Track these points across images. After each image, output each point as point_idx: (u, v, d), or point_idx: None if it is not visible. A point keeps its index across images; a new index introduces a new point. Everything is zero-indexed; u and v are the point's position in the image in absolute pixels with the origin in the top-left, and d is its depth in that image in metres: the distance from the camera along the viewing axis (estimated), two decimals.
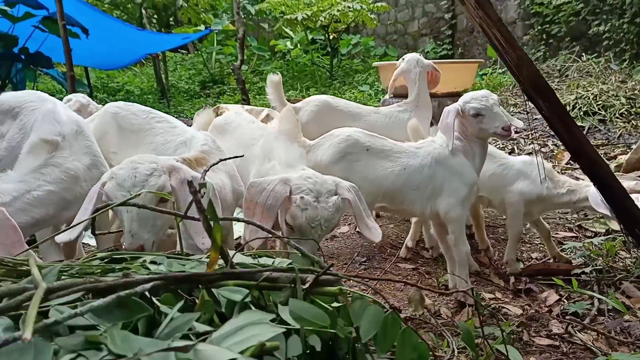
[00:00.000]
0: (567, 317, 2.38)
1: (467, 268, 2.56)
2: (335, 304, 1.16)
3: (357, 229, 3.50)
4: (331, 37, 12.87)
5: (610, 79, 6.76)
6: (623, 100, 6.04)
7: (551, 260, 3.00)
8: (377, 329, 1.13)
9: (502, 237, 3.46)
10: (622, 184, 2.50)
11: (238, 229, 2.89)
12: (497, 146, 5.29)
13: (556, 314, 2.43)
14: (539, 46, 10.44)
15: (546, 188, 2.84)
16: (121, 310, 0.92)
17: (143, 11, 10.79)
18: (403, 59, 3.63)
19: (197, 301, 1.03)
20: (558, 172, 3.27)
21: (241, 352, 0.81)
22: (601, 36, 9.58)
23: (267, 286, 1.08)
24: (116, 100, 9.67)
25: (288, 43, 14.01)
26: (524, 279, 2.77)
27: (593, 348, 2.11)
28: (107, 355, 0.73)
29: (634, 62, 8.89)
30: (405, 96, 3.62)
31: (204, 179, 1.25)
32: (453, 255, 2.58)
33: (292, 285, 1.09)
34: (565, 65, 8.45)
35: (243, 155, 1.77)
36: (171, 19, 13.96)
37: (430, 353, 2.13)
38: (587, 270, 2.79)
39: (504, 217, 3.14)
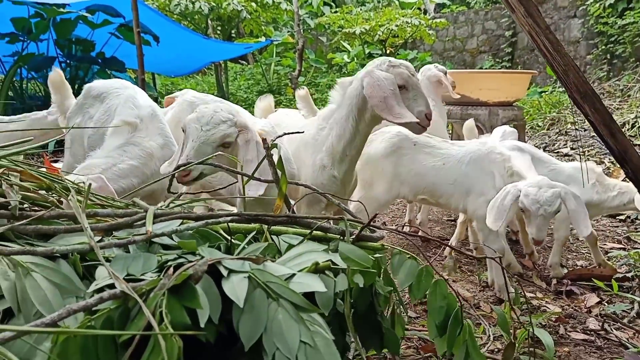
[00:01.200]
0: (605, 317, 2.44)
1: (502, 265, 2.65)
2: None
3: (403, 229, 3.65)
4: (388, 51, 13.06)
5: None
6: None
7: (596, 267, 3.04)
8: (412, 279, 1.29)
9: (548, 244, 3.50)
10: None
11: None
12: None
13: (595, 314, 2.49)
14: (602, 65, 10.25)
15: (596, 193, 2.90)
16: (204, 240, 1.13)
17: (209, 22, 11.34)
18: None
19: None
20: None
21: (299, 270, 1.01)
22: None
23: (320, 236, 1.27)
24: None
25: (345, 56, 14.29)
26: (566, 282, 2.83)
27: (628, 344, 2.17)
28: (200, 259, 0.94)
29: None
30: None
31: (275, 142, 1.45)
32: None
33: (342, 237, 1.27)
34: (627, 85, 8.28)
35: (303, 132, 1.97)
36: (234, 30, 14.57)
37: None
38: (630, 275, 2.82)
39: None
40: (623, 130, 5.92)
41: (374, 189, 2.51)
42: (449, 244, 3.27)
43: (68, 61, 7.42)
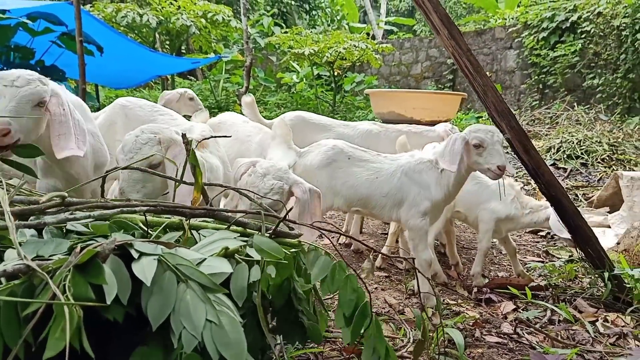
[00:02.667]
0: (518, 322, 2.60)
1: (428, 274, 2.78)
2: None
3: (339, 241, 3.75)
4: (336, 73, 13.34)
5: (596, 127, 7.09)
6: (606, 146, 6.35)
7: (515, 277, 3.23)
8: (325, 274, 1.37)
9: (474, 257, 3.69)
10: (583, 213, 2.76)
11: None
12: None
13: (510, 320, 2.64)
14: (535, 94, 10.86)
15: (514, 208, 3.10)
16: (120, 230, 1.17)
17: (157, 35, 11.27)
18: None
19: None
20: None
21: (210, 256, 1.06)
22: (595, 89, 9.99)
23: (239, 231, 1.33)
24: None
25: (294, 76, 14.48)
26: (486, 290, 2.99)
27: (537, 347, 2.32)
28: (111, 242, 0.98)
29: (625, 115, 9.28)
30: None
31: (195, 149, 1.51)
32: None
33: (259, 232, 1.34)
34: (556, 113, 8.81)
35: (231, 136, 2.03)
36: (183, 46, 14.51)
37: (390, 341, 2.37)
38: (543, 283, 3.02)
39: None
40: (549, 153, 6.31)
41: None
42: (380, 254, 3.40)
43: (5, 68, 7.18)
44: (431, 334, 2.13)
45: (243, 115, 3.63)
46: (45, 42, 7.25)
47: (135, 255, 0.98)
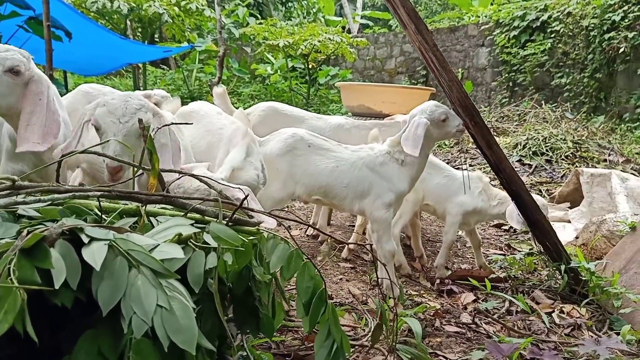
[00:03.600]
0: (477, 312, 2.66)
1: (392, 265, 2.82)
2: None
3: (307, 233, 3.77)
4: (310, 66, 13.33)
5: (562, 125, 7.26)
6: (570, 144, 6.51)
7: (476, 269, 3.30)
8: (283, 262, 1.39)
9: (439, 249, 3.75)
10: (539, 201, 2.84)
11: None
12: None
13: (469, 311, 2.71)
14: (504, 92, 11.05)
15: (481, 200, 3.16)
16: (71, 213, 1.16)
17: (128, 22, 11.07)
18: None
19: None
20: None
21: (164, 242, 1.07)
22: (562, 88, 10.22)
23: (198, 219, 1.33)
24: None
25: (268, 68, 14.41)
26: (448, 282, 3.06)
27: (494, 336, 2.38)
28: (59, 225, 0.97)
29: (591, 114, 9.52)
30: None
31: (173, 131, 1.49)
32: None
33: (217, 219, 1.35)
34: (524, 111, 8.98)
35: (192, 123, 2.02)
36: (156, 34, 14.28)
37: (352, 331, 2.40)
38: (502, 275, 3.10)
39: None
40: (516, 150, 6.44)
41: (270, 187, 2.59)
42: (347, 246, 3.43)
43: None
44: (391, 324, 2.18)
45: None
46: (12, 27, 7.05)
47: (86, 240, 0.98)
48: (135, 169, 1.52)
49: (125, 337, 0.98)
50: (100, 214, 1.18)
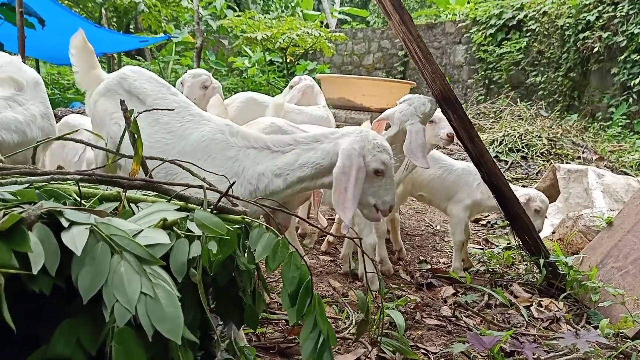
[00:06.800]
0: (457, 305, 2.67)
1: (373, 257, 2.81)
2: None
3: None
4: (288, 60, 13.26)
5: (537, 122, 7.37)
6: (545, 141, 6.61)
7: None
8: (269, 251, 1.35)
9: (417, 244, 3.76)
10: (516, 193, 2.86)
11: None
12: None
13: (449, 304, 2.71)
14: (480, 89, 11.17)
15: (480, 192, 3.15)
16: (49, 197, 1.11)
17: (103, 11, 10.82)
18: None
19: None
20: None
21: (148, 227, 1.02)
22: (537, 86, 10.39)
23: (179, 204, 1.28)
24: (64, 98, 9.40)
25: (246, 61, 14.29)
26: (427, 275, 3.06)
27: (474, 329, 2.39)
28: (37, 207, 0.92)
29: (565, 112, 9.70)
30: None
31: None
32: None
33: (201, 206, 1.30)
34: (500, 108, 9.09)
35: (173, 109, 1.97)
36: (131, 24, 14.01)
37: (333, 323, 2.38)
38: (482, 269, 3.12)
39: (429, 225, 3.45)
40: (492, 146, 6.50)
41: None
42: (326, 239, 3.41)
43: None
44: (373, 316, 2.16)
45: None
46: None
47: (65, 224, 0.92)
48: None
49: (106, 326, 0.93)
50: (79, 198, 1.13)
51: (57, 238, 0.94)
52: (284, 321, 2.24)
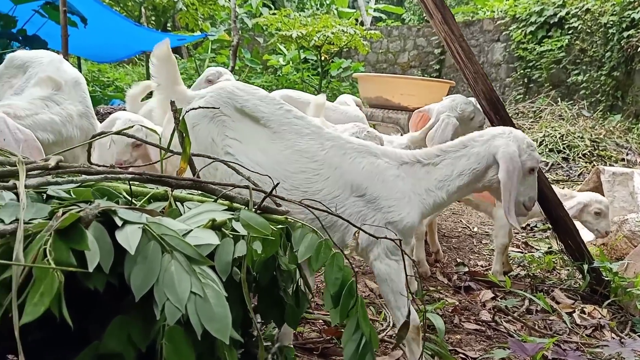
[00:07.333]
0: (497, 310, 2.62)
1: (410, 260, 2.77)
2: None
3: None
4: (323, 58, 13.25)
5: (579, 123, 7.17)
6: (587, 142, 6.43)
7: None
8: (312, 252, 1.35)
9: (454, 245, 3.71)
10: (558, 196, 2.78)
11: None
12: None
13: (488, 308, 2.66)
14: (519, 88, 10.93)
15: None
16: (102, 196, 1.13)
17: (142, 10, 11.04)
18: None
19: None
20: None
21: (197, 227, 1.03)
22: (579, 85, 10.09)
23: (224, 204, 1.29)
24: (104, 95, 9.63)
25: (281, 59, 14.34)
26: (465, 278, 3.01)
27: (514, 335, 2.34)
28: (94, 206, 0.94)
29: (608, 112, 9.40)
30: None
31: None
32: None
33: (246, 207, 1.31)
34: (540, 108, 8.88)
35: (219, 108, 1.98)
36: (169, 23, 14.24)
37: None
38: (523, 274, 3.05)
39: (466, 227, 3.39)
40: None
41: None
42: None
43: None
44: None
45: None
46: (28, 11, 7.06)
47: (119, 222, 0.94)
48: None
49: (157, 324, 0.94)
50: (129, 197, 1.15)
51: (110, 235, 0.96)
52: (321, 321, 2.24)
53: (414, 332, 1.84)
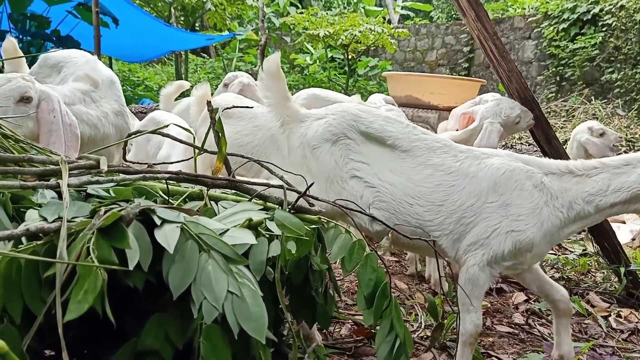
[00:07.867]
0: (530, 313, 2.57)
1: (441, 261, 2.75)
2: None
3: None
4: (350, 56, 13.21)
5: (614, 122, 6.99)
6: (623, 142, 6.26)
7: None
8: (345, 252, 1.35)
9: None
10: None
11: None
12: None
13: (521, 311, 2.62)
14: (551, 86, 10.71)
15: None
16: (140, 195, 1.15)
17: (172, 10, 11.18)
18: None
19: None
20: None
21: (233, 227, 1.04)
22: (613, 83, 9.83)
23: (258, 204, 1.30)
24: (135, 94, 9.79)
25: (308, 58, 14.36)
26: (497, 280, 2.96)
27: (549, 338, 2.29)
28: (135, 206, 0.95)
29: None
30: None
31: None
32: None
33: (280, 206, 1.31)
34: (573, 107, 8.69)
35: (252, 107, 1.99)
36: (197, 22, 14.40)
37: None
38: (557, 276, 2.98)
39: None
40: (564, 146, 6.22)
41: None
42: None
43: (21, 36, 7.17)
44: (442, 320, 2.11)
45: None
46: (62, 12, 7.22)
47: (158, 221, 0.95)
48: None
49: (194, 322, 0.95)
50: (166, 196, 1.16)
51: (148, 234, 0.97)
52: (351, 321, 2.23)
53: (473, 338, 1.81)
